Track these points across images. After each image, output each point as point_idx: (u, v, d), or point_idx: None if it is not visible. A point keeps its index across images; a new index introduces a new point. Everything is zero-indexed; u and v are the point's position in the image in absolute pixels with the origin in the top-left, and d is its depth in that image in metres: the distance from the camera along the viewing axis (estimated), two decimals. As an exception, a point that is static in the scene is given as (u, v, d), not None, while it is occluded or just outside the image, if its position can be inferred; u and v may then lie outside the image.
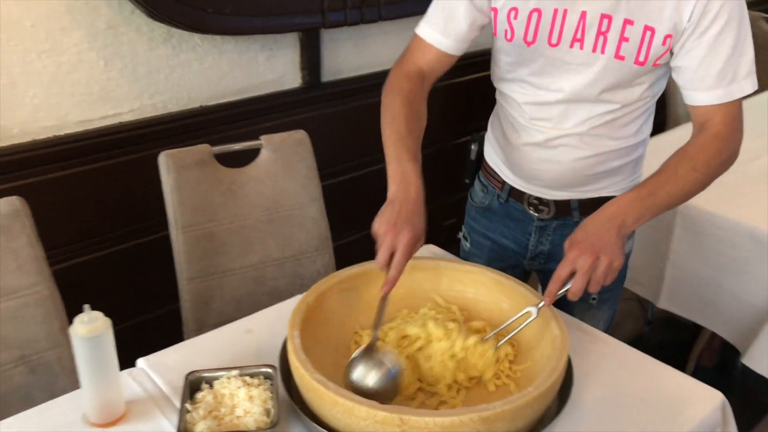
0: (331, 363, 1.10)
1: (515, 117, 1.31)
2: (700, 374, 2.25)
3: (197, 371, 1.04)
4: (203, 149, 1.50)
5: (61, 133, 1.67)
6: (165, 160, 1.45)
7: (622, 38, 1.14)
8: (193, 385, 1.03)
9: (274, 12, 1.84)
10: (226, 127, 1.91)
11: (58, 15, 1.58)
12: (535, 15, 1.16)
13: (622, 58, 1.15)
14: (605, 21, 1.13)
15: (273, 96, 2.02)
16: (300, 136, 1.60)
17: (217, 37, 1.85)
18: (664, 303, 1.97)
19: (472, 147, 1.49)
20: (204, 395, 1.00)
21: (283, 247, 1.59)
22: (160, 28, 1.73)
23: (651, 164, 1.29)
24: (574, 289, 1.04)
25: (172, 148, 1.48)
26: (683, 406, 1.09)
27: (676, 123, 2.73)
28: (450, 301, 1.25)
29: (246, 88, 1.98)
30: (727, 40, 1.12)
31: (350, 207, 2.08)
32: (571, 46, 1.17)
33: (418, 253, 1.11)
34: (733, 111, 1.17)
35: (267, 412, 0.98)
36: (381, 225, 1.06)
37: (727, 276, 1.79)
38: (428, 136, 1.24)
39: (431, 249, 1.47)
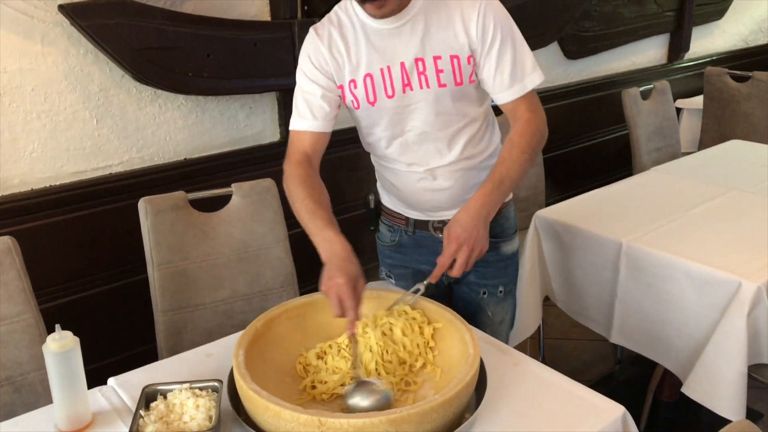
0: (276, 381, 1.25)
1: (393, 168, 1.55)
2: (659, 409, 2.35)
3: (153, 384, 1.19)
4: (179, 195, 1.69)
5: (57, 183, 1.88)
6: (144, 205, 1.64)
7: (438, 71, 1.40)
8: (149, 397, 1.18)
9: (250, 75, 2.06)
10: (207, 178, 2.11)
11: (55, 80, 1.80)
12: (368, 79, 1.42)
13: (444, 85, 1.42)
14: (420, 63, 1.40)
15: (252, 149, 2.22)
16: (267, 183, 1.78)
17: (200, 97, 2.06)
18: (615, 338, 2.09)
19: (370, 198, 1.71)
20: (157, 404, 1.15)
21: (251, 283, 1.76)
22: (147, 90, 1.95)
23: (620, 206, 1.78)
24: (454, 273, 1.35)
25: (155, 197, 1.67)
26: (586, 416, 1.22)
27: (642, 169, 2.90)
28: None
29: (227, 143, 2.18)
30: (508, 50, 1.41)
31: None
32: (404, 92, 1.42)
33: (368, 286, 1.30)
34: (532, 99, 1.46)
35: (210, 418, 1.12)
36: (322, 285, 1.25)
37: (668, 311, 1.92)
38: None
39: (377, 284, 1.65)
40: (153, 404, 1.16)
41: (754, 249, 1.87)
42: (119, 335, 2.04)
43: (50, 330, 1.45)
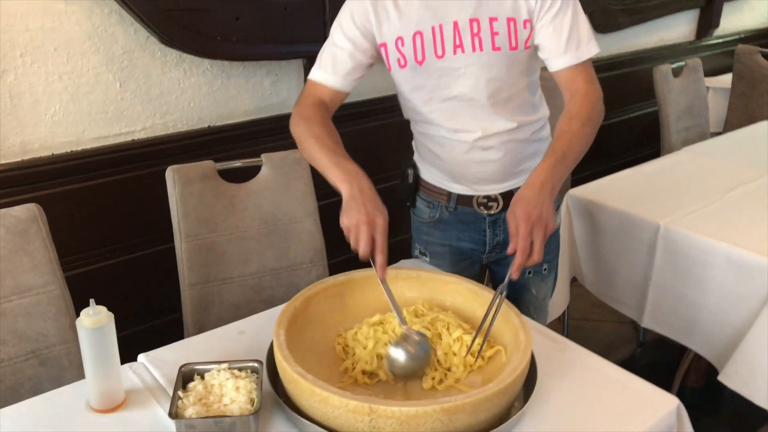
0: (316, 362, 1.20)
1: (437, 136, 1.48)
2: (684, 394, 2.31)
3: (190, 364, 1.14)
4: (207, 165, 1.62)
5: (78, 148, 1.81)
6: (171, 175, 1.57)
7: (493, 33, 1.35)
8: (186, 377, 1.13)
9: (279, 40, 1.97)
10: (232, 146, 2.04)
11: (78, 40, 1.72)
12: (418, 37, 1.36)
13: (498, 49, 1.36)
14: (474, 24, 1.34)
15: (277, 118, 2.14)
16: (298, 155, 1.71)
17: (226, 63, 1.98)
18: (647, 323, 2.04)
19: (409, 171, 1.62)
20: (195, 385, 1.10)
21: (280, 258, 1.70)
22: (173, 54, 1.87)
23: (655, 187, 1.71)
24: (536, 258, 1.19)
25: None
26: (639, 409, 1.17)
27: (670, 151, 2.82)
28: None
29: (252, 111, 2.10)
30: (566, 16, 1.36)
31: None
32: (455, 53, 1.36)
33: (400, 265, 1.21)
34: (589, 71, 1.41)
35: (251, 401, 1.07)
36: (352, 219, 1.15)
37: (706, 297, 1.87)
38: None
39: (409, 263, 1.59)
40: (191, 385, 1.10)
41: (800, 236, 1.81)
42: (142, 305, 1.99)
43: (75, 301, 1.41)
